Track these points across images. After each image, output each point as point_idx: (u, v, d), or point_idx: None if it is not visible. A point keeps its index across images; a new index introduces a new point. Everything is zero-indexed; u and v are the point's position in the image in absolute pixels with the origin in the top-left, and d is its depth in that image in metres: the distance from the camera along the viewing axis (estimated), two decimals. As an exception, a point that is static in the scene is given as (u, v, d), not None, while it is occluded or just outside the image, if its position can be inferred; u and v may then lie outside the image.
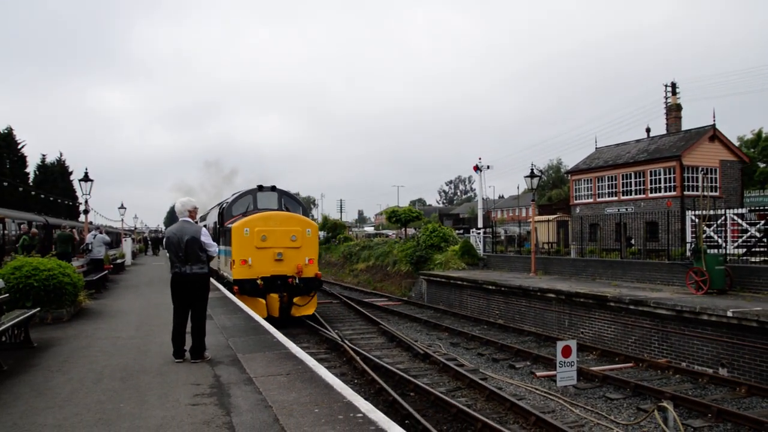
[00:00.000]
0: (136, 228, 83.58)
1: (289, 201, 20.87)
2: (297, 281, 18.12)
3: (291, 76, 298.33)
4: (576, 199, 37.14)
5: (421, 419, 9.24)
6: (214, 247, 7.84)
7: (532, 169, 25.28)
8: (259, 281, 17.56)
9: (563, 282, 20.77)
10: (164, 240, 7.78)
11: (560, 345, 11.53)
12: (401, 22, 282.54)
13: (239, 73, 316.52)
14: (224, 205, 21.50)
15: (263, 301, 17.82)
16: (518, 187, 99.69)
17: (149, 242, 56.36)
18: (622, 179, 33.66)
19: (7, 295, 9.35)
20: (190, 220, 7.90)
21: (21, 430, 5.11)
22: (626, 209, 32.34)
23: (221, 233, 20.71)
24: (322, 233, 52.82)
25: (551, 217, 40.11)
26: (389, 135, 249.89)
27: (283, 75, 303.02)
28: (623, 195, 33.48)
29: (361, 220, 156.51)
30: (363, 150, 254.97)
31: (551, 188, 76.97)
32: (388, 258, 35.15)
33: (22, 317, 8.51)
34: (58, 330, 10.48)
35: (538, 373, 13.02)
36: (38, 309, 9.88)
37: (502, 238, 35.49)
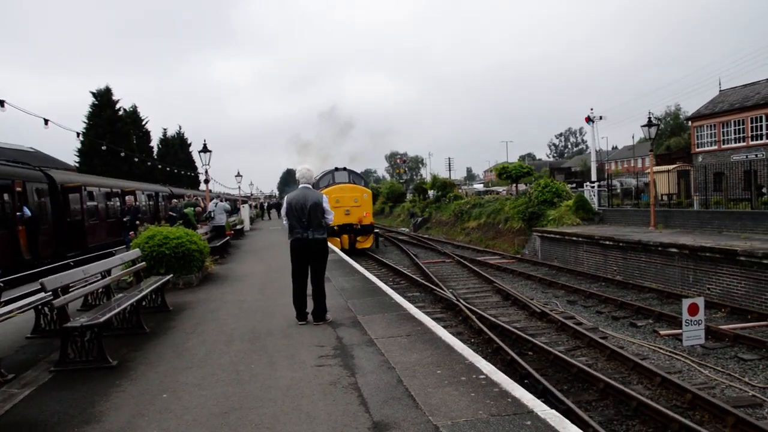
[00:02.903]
0: (252, 194, 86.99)
1: (355, 176, 30.93)
2: (358, 227, 28.13)
3: (396, 35, 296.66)
4: (698, 147, 35.01)
5: (540, 379, 9.16)
6: (332, 215, 8.03)
7: (649, 118, 23.95)
8: (335, 228, 25.58)
9: (686, 236, 19.73)
10: (285, 206, 8.01)
11: (686, 302, 10.99)
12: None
13: (346, 37, 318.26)
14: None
15: (338, 239, 26.99)
16: (633, 137, 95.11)
17: (265, 208, 58.54)
18: (751, 123, 31.26)
19: (143, 263, 10.03)
20: (310, 186, 8.11)
21: (167, 387, 5.53)
22: (756, 155, 30.08)
23: None
24: (431, 192, 52.88)
25: (670, 167, 37.98)
26: (495, 90, 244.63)
27: (388, 34, 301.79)
28: (752, 140, 31.13)
29: (470, 177, 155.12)
30: (470, 107, 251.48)
31: (669, 137, 72.60)
32: (500, 215, 34.70)
33: (159, 283, 9.14)
34: (189, 294, 11.17)
35: (662, 332, 12.53)
36: (171, 275, 10.54)
37: (618, 191, 34.07)
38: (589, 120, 34.21)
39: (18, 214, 16.54)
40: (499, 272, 22.38)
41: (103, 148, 36.48)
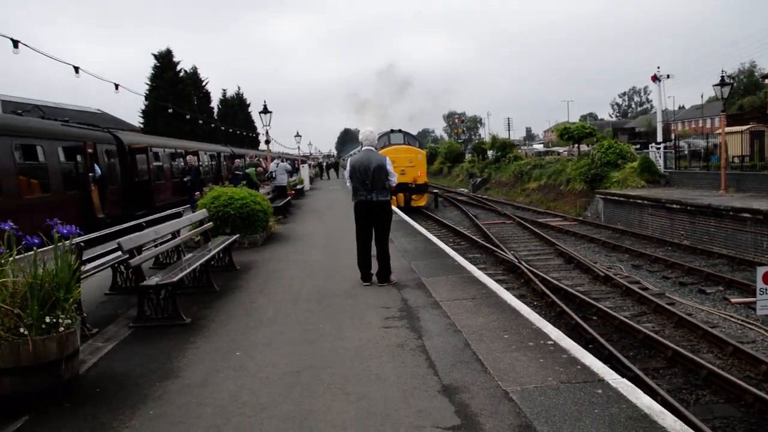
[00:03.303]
0: (311, 154, 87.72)
1: (410, 138, 32.25)
2: (413, 186, 28.88)
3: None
4: (775, 106, 33.21)
5: (606, 344, 9.05)
6: (395, 177, 8.02)
7: (722, 76, 22.89)
8: None
9: (760, 200, 18.93)
10: (349, 168, 8.05)
11: (761, 270, 10.52)
12: None
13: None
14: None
15: (394, 197, 24.69)
16: (702, 96, 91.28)
17: (324, 167, 59.04)
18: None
19: (211, 224, 10.27)
20: (373, 149, 8.11)
21: (240, 345, 5.70)
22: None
23: None
24: (491, 152, 52.19)
25: (743, 127, 36.17)
26: (555, 48, 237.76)
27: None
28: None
29: (530, 137, 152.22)
30: (528, 65, 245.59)
31: (742, 96, 69.34)
32: (561, 176, 34.04)
33: (226, 243, 9.36)
34: (254, 254, 11.42)
35: (733, 300, 12.13)
36: (237, 235, 10.77)
37: (685, 152, 32.87)
38: (655, 79, 32.89)
39: (90, 174, 17.12)
40: (560, 234, 22.04)
41: (170, 111, 37.25)
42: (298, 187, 28.19)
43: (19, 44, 14.08)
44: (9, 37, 13.72)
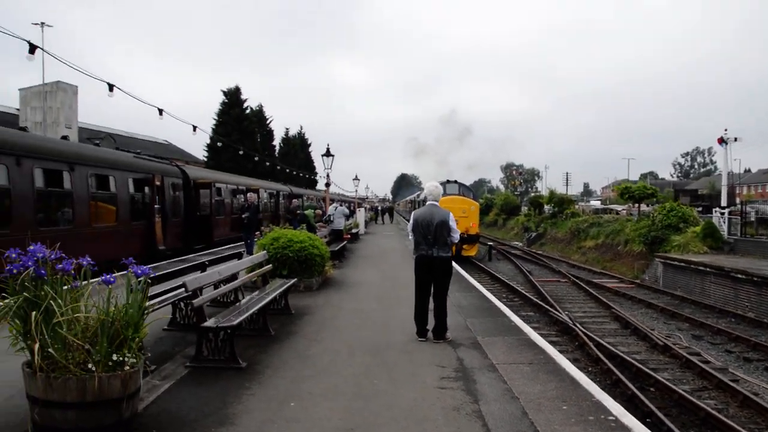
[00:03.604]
0: (367, 197, 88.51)
1: (465, 189, 32.63)
2: (465, 236, 27.28)
3: (518, 45, 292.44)
4: None
5: (666, 421, 8.69)
6: (457, 233, 8.01)
7: (796, 145, 22.22)
8: None
9: (833, 275, 18.10)
10: (412, 222, 8.09)
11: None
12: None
13: (464, 44, 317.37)
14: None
15: None
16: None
17: (379, 211, 59.39)
18: None
19: (270, 266, 10.42)
20: (437, 204, 8.14)
21: (294, 395, 5.70)
22: None
23: None
24: (548, 207, 51.66)
25: (815, 196, 35.07)
26: (618, 106, 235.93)
27: (509, 43, 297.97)
28: None
29: (587, 193, 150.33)
30: (590, 120, 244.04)
31: (814, 162, 66.89)
32: (619, 236, 33.34)
33: (285, 287, 9.46)
34: (309, 298, 11.49)
35: (803, 381, 11.55)
36: (295, 279, 10.87)
37: (752, 218, 31.81)
38: (722, 141, 32.20)
39: (156, 206, 17.68)
40: (617, 297, 21.49)
41: (240, 152, 38.21)
42: (354, 231, 28.38)
43: (114, 88, 14.68)
44: (106, 81, 14.35)
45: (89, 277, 4.88)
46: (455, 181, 32.89)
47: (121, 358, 4.61)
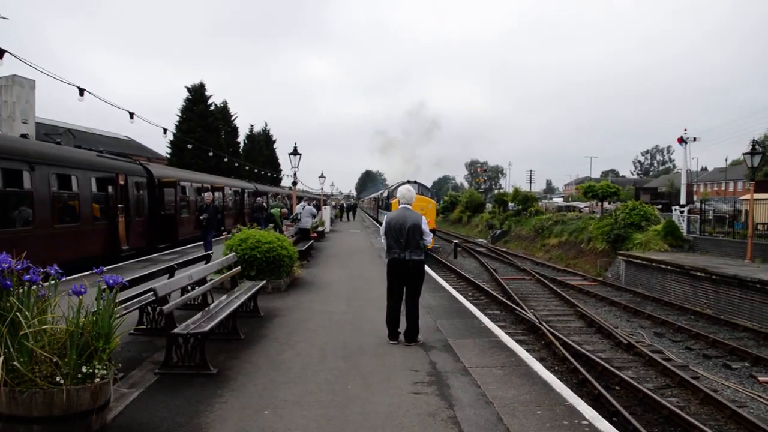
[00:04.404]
0: (332, 194, 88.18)
1: (424, 189, 34.92)
2: None
3: (484, 41, 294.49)
4: (802, 177, 32.97)
5: (632, 420, 8.85)
6: (430, 236, 8.02)
7: (753, 144, 22.84)
8: None
9: (788, 273, 18.64)
10: (384, 225, 8.06)
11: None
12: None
13: (433, 40, 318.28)
14: (389, 190, 42.03)
15: None
16: (726, 159, 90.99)
17: (344, 209, 59.25)
18: None
19: (239, 268, 10.30)
20: (410, 207, 8.13)
21: (268, 403, 5.64)
22: None
23: (387, 206, 38.62)
24: (512, 204, 52.20)
25: (769, 195, 36.05)
26: (581, 101, 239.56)
27: (476, 40, 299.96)
28: None
29: (550, 190, 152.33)
30: (553, 117, 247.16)
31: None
32: (583, 234, 33.87)
33: (254, 289, 9.36)
34: (278, 300, 11.39)
35: (761, 378, 11.87)
36: (265, 281, 10.76)
37: (710, 217, 32.59)
38: (681, 141, 32.91)
39: (120, 206, 17.33)
40: (581, 295, 21.82)
41: (189, 147, 37.73)
42: (320, 229, 28.27)
43: (85, 92, 14.28)
44: (76, 86, 13.94)
45: (57, 288, 4.75)
46: (415, 182, 35.17)
47: (91, 370, 4.50)
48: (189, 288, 8.32)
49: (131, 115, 17.96)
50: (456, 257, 33.08)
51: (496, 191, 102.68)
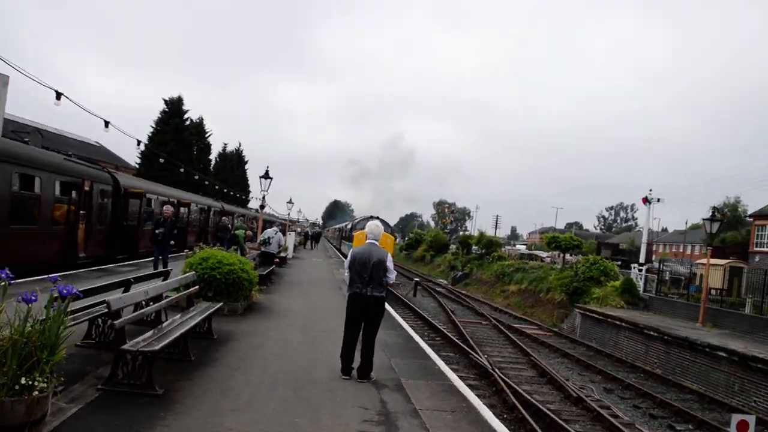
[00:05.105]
0: (297, 220, 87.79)
1: (385, 225, 35.35)
2: None
3: (462, 86, 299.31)
4: (757, 247, 34.04)
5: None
6: (393, 275, 8.02)
7: (713, 212, 23.49)
8: None
9: (736, 340, 19.05)
10: (349, 258, 8.05)
11: (735, 418, 10.50)
12: (577, 37, 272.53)
13: (413, 78, 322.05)
14: (353, 223, 46.12)
15: None
16: (686, 222, 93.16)
17: (309, 236, 58.98)
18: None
19: (196, 287, 10.14)
20: (376, 243, 8.13)
21: (211, 430, 5.53)
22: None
23: (350, 237, 41.66)
24: (476, 248, 52.62)
25: (722, 261, 36.87)
26: (549, 153, 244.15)
27: (453, 83, 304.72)
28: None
29: (514, 236, 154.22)
30: (521, 165, 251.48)
31: (725, 229, 70.87)
32: (542, 284, 34.24)
33: (210, 310, 9.20)
34: (233, 323, 11.20)
35: (704, 443, 12.03)
36: (221, 303, 10.60)
37: (667, 278, 33.26)
38: (646, 201, 33.77)
39: (81, 212, 16.99)
40: (535, 344, 21.97)
41: (161, 161, 37.36)
42: (282, 254, 28.06)
43: (62, 96, 14.04)
44: (54, 89, 13.71)
45: (5, 292, 4.60)
46: (377, 217, 36.80)
47: (30, 382, 4.35)
48: (144, 303, 8.14)
49: (106, 123, 17.71)
50: (415, 295, 33.09)
51: (461, 233, 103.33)
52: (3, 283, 4.56)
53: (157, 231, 16.23)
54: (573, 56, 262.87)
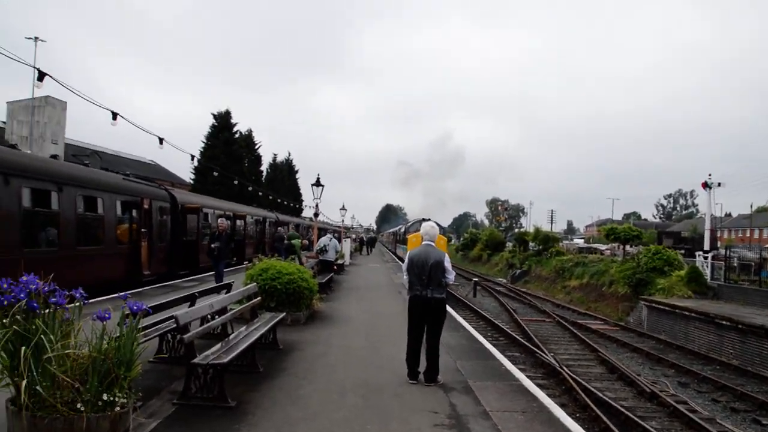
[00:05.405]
0: (352, 227, 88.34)
1: (438, 226, 38.30)
2: None
3: (506, 82, 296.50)
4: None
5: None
6: (452, 275, 7.94)
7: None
8: None
9: (818, 326, 18.16)
10: (407, 261, 8.01)
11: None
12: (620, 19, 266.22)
13: (456, 76, 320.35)
14: (406, 226, 47.33)
15: None
16: (751, 206, 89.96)
17: (364, 242, 59.25)
18: None
19: (259, 299, 10.25)
20: (433, 244, 8.06)
21: (285, 440, 5.53)
22: None
23: (404, 240, 40.51)
24: (532, 244, 51.92)
25: (796, 244, 35.50)
26: (603, 142, 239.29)
27: (497, 79, 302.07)
28: None
29: (570, 230, 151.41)
30: (574, 157, 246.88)
31: (795, 210, 68.07)
32: (604, 277, 33.46)
33: (274, 321, 9.29)
34: (296, 333, 11.28)
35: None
36: (284, 313, 10.69)
37: (735, 264, 32.05)
38: (706, 186, 32.64)
39: (143, 230, 17.45)
40: (602, 340, 21.44)
41: (215, 174, 38.16)
42: (340, 262, 28.23)
43: (118, 116, 14.35)
44: (110, 110, 14.03)
45: (81, 312, 4.72)
46: (429, 219, 36.03)
47: (111, 398, 4.44)
48: (209, 317, 8.27)
49: (161, 140, 18.10)
50: (475, 296, 32.83)
51: (516, 230, 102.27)
52: (78, 303, 4.69)
53: (213, 245, 16.21)
54: (617, 40, 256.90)
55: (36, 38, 33.84)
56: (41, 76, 11.38)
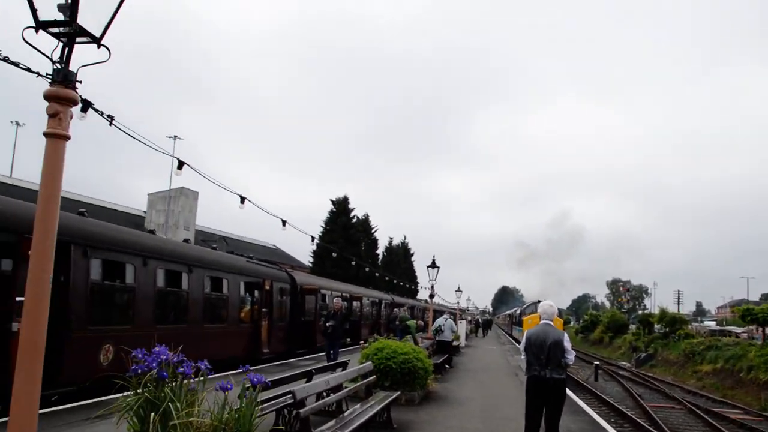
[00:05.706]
0: (467, 309, 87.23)
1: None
2: None
3: (624, 157, 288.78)
4: None
5: None
6: (572, 355, 7.67)
7: None
8: None
9: None
10: (524, 341, 7.85)
11: None
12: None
13: (572, 155, 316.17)
14: (522, 308, 47.63)
15: None
16: None
17: (480, 324, 58.21)
18: None
19: (374, 377, 10.30)
20: (551, 323, 7.88)
21: None
22: None
23: (519, 322, 43.60)
24: (658, 326, 49.03)
25: None
26: (732, 219, 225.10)
27: (615, 156, 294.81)
28: None
29: (700, 312, 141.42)
30: (701, 237, 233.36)
31: None
32: (742, 362, 30.77)
33: (389, 399, 9.28)
34: (411, 412, 11.16)
35: None
36: (399, 392, 10.65)
37: None
38: None
39: (264, 309, 18.15)
40: (742, 431, 19.54)
41: (333, 255, 39.22)
42: (455, 343, 27.83)
43: (245, 200, 15.20)
44: (239, 194, 14.93)
45: (205, 382, 4.97)
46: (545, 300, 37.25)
47: (231, 468, 4.59)
48: (325, 394, 8.38)
49: (284, 222, 18.91)
50: (597, 379, 31.09)
51: (639, 312, 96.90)
52: (203, 375, 4.95)
53: (327, 324, 16.35)
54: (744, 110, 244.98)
55: (175, 137, 37.55)
56: (180, 164, 12.39)
